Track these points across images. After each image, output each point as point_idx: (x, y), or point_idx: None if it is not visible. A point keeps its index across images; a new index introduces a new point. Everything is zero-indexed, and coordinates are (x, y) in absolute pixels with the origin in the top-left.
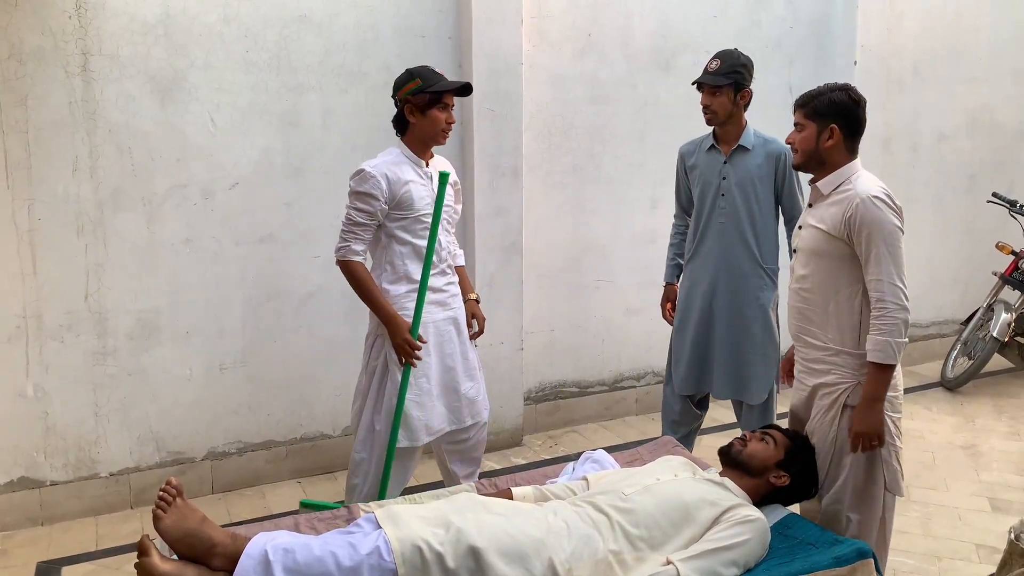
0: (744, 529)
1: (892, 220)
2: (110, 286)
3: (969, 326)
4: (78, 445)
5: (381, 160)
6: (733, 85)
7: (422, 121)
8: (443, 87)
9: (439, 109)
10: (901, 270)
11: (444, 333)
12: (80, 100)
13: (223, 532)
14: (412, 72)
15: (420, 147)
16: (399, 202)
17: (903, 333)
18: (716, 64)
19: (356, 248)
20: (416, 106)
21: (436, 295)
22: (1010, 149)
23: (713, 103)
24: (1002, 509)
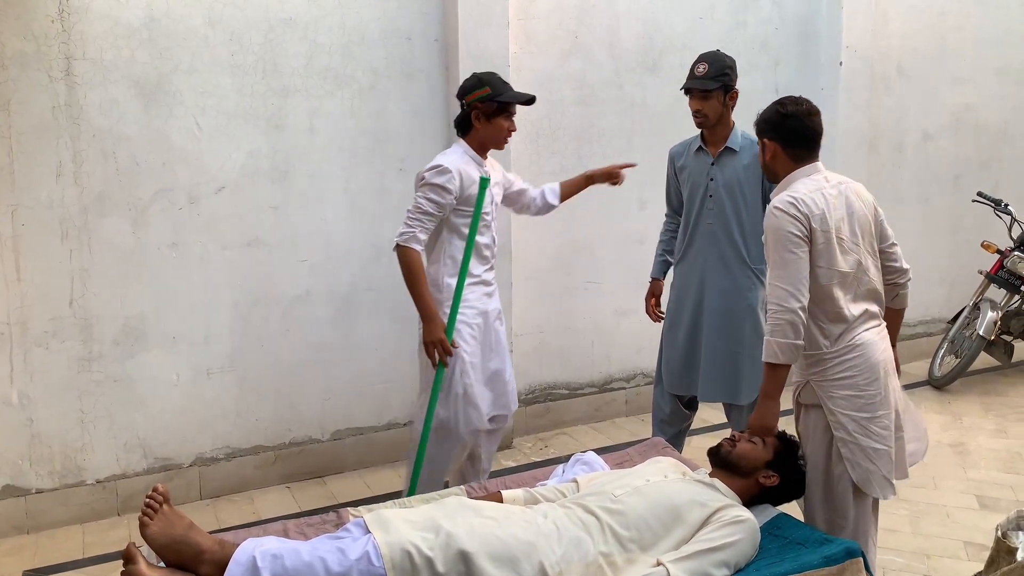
0: (734, 530)
1: (785, 227)
2: (95, 292)
3: (956, 325)
4: (64, 452)
5: (453, 156)
6: (722, 88)
7: (487, 127)
8: (512, 98)
9: (504, 118)
10: (786, 273)
11: (492, 323)
12: (64, 105)
13: (211, 539)
14: (481, 78)
15: (481, 150)
16: (466, 199)
17: (787, 334)
18: (703, 68)
19: (420, 237)
20: (483, 112)
21: (487, 288)
22: (994, 148)
23: (704, 107)
24: (990, 506)
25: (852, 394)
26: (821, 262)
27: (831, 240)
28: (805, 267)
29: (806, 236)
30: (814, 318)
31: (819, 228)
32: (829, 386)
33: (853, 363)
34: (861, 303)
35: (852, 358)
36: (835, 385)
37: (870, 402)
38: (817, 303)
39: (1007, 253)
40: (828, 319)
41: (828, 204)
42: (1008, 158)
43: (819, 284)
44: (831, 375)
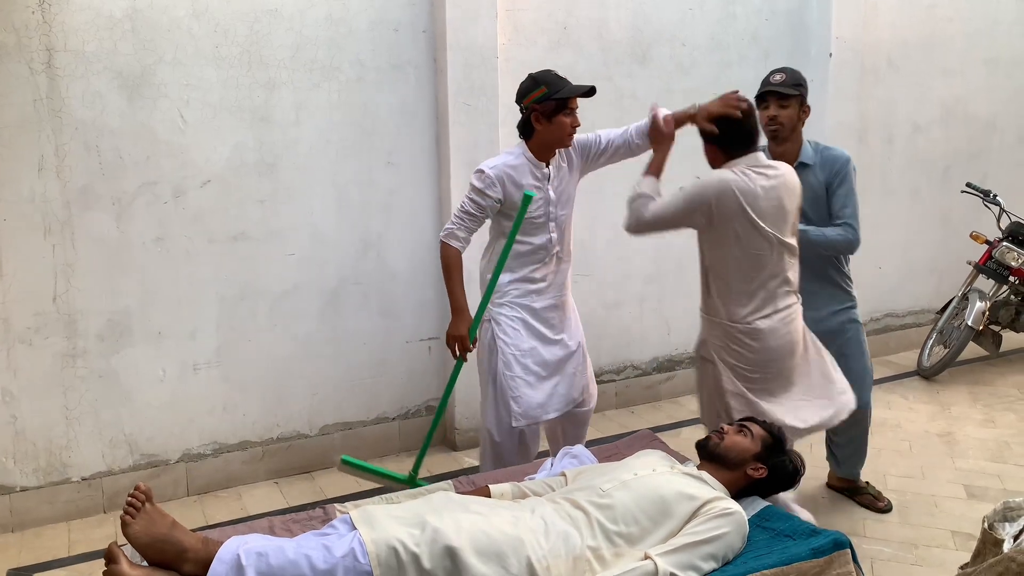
0: (722, 522)
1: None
2: (79, 287)
3: (944, 315)
4: (48, 449)
5: (502, 160)
6: (800, 98)
7: (549, 127)
8: (569, 92)
9: (565, 115)
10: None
11: (546, 320)
12: (45, 97)
13: (194, 537)
14: (537, 79)
15: (544, 151)
16: (513, 203)
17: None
18: (781, 76)
19: (459, 234)
20: (543, 113)
21: (532, 285)
22: (984, 140)
23: (781, 115)
24: (977, 496)
25: (739, 365)
26: (736, 243)
27: (749, 224)
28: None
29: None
30: (723, 292)
31: (740, 212)
32: (722, 351)
33: (748, 345)
34: (771, 286)
35: (748, 341)
36: (727, 352)
37: (754, 377)
38: (727, 278)
39: (995, 243)
40: (735, 296)
41: (755, 192)
42: (997, 149)
43: (731, 262)
44: (726, 345)
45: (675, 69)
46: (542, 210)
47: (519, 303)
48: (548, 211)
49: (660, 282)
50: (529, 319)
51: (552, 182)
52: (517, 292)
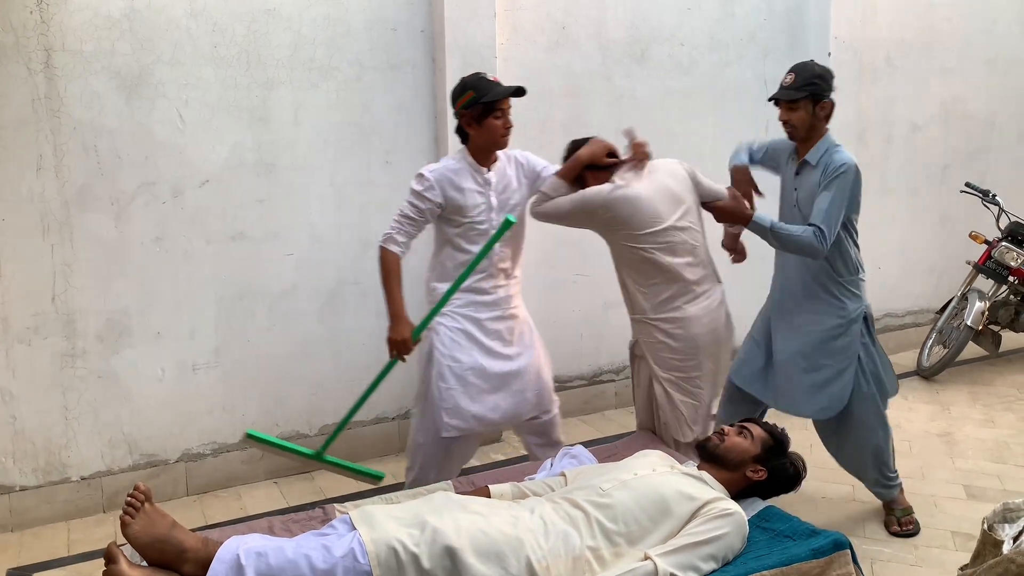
0: (722, 523)
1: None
2: (78, 287)
3: (944, 315)
4: (48, 449)
5: (443, 165)
6: (810, 97)
7: (480, 131)
8: (494, 95)
9: (495, 117)
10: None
11: (493, 332)
12: (43, 97)
13: (194, 537)
14: (465, 83)
15: (481, 155)
16: (456, 208)
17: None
18: (791, 78)
19: (398, 239)
20: (473, 117)
21: (479, 296)
22: (982, 139)
23: (792, 118)
24: (977, 496)
25: (669, 356)
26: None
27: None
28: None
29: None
30: (637, 289)
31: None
32: (652, 347)
33: (672, 334)
34: (686, 274)
35: (670, 329)
36: (656, 347)
37: (684, 366)
38: (640, 272)
39: (995, 243)
40: (649, 290)
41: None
42: (996, 149)
43: (636, 262)
44: (652, 339)
45: (674, 68)
46: (483, 216)
47: (462, 313)
48: (490, 218)
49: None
50: (473, 331)
51: (494, 188)
52: (460, 302)
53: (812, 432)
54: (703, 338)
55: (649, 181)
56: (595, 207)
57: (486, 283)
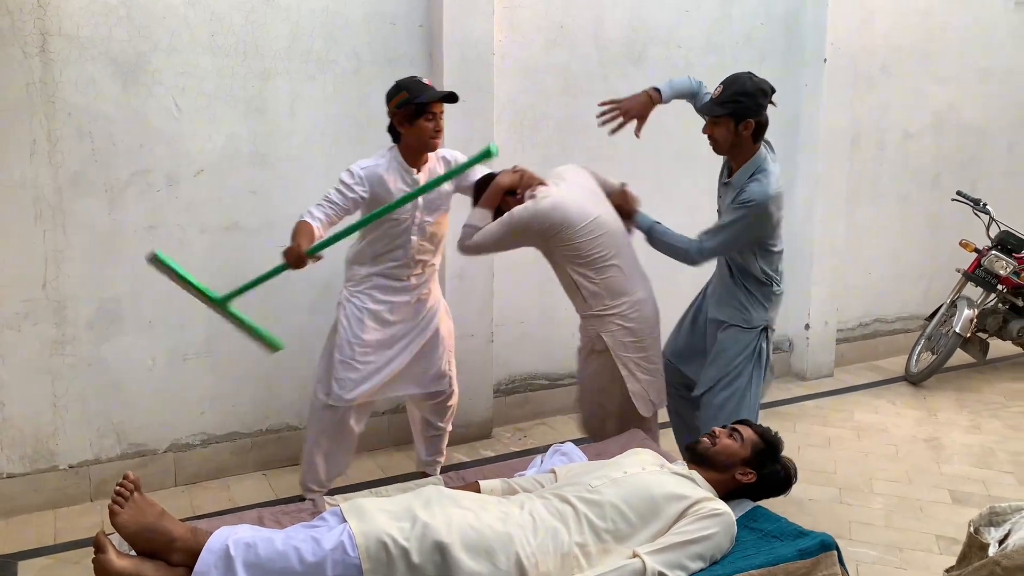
0: (711, 523)
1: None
2: (69, 273)
3: (933, 322)
4: (36, 436)
5: (374, 163)
6: (731, 115)
7: (410, 131)
8: (426, 98)
9: (425, 119)
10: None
11: (398, 314)
12: (38, 82)
13: (183, 526)
14: (400, 84)
15: (412, 155)
16: (377, 204)
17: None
18: (718, 91)
19: (315, 213)
20: (404, 117)
21: (393, 283)
22: (975, 148)
23: (714, 132)
24: (962, 501)
25: (632, 341)
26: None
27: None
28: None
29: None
30: (591, 281)
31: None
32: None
33: (631, 317)
34: (628, 259)
35: (630, 313)
36: (618, 334)
37: (644, 344)
38: (592, 267)
39: (984, 252)
40: (604, 280)
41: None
42: (987, 158)
43: (587, 254)
44: (614, 327)
45: (670, 70)
46: (408, 214)
47: (371, 295)
48: (413, 215)
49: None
50: (380, 311)
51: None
52: (371, 285)
53: (800, 434)
54: (654, 315)
55: (565, 185)
56: (527, 222)
57: (402, 271)
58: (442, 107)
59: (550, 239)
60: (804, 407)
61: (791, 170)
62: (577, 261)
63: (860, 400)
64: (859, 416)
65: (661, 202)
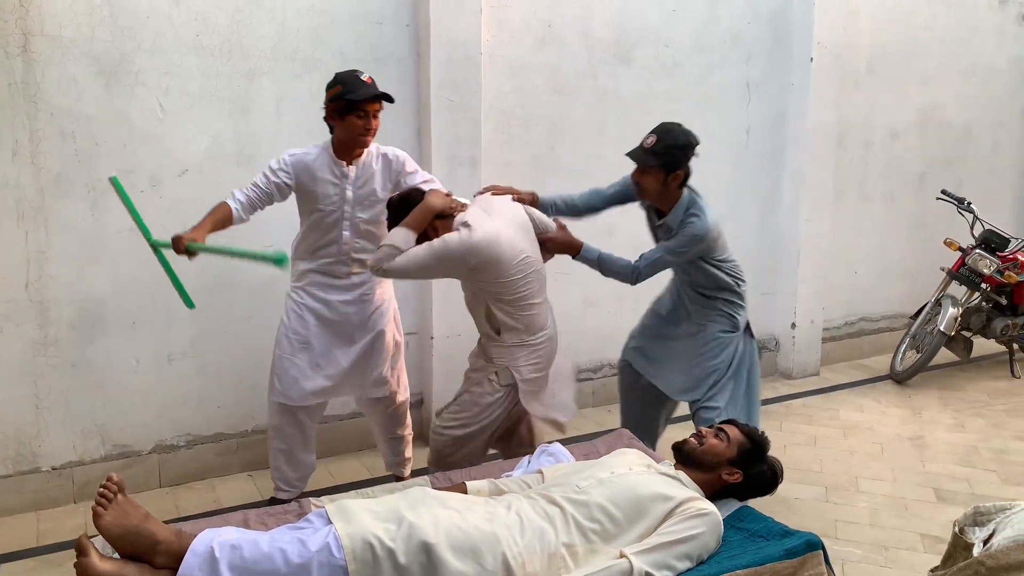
0: (697, 523)
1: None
2: (52, 274)
3: (918, 320)
4: (18, 438)
5: (304, 152)
6: (663, 167)
7: (341, 126)
8: (358, 95)
9: (357, 116)
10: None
11: (341, 313)
12: (20, 82)
13: (167, 529)
14: (337, 77)
15: (342, 149)
16: (308, 195)
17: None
18: (652, 140)
19: (237, 195)
20: (336, 111)
21: (332, 280)
22: (959, 147)
23: (643, 181)
24: (947, 500)
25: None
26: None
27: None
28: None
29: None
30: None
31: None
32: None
33: (542, 348)
34: (543, 298)
35: (541, 344)
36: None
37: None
38: (514, 304)
39: (969, 251)
40: (525, 316)
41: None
42: (972, 157)
43: (513, 292)
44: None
45: (659, 69)
46: (336, 207)
47: (311, 292)
48: (343, 209)
49: None
50: (321, 309)
51: (354, 183)
52: (309, 281)
53: (786, 432)
54: (555, 347)
55: (499, 218)
56: (460, 255)
57: (339, 268)
58: (378, 106)
59: (478, 273)
60: (790, 406)
61: (777, 169)
62: (502, 298)
63: (846, 399)
64: (845, 415)
65: None
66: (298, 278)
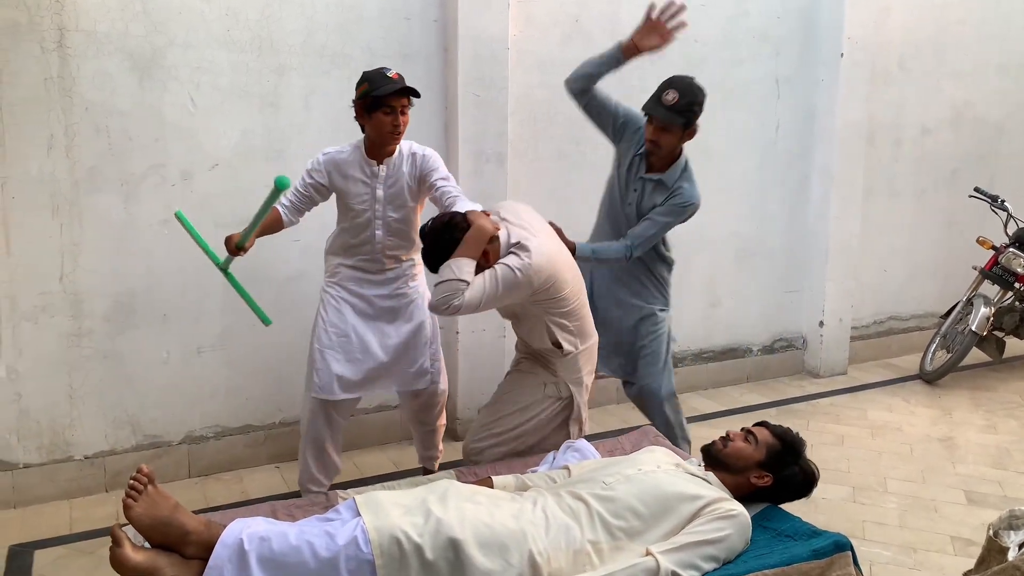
0: (725, 524)
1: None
2: (86, 267)
3: (948, 320)
4: (52, 428)
5: (336, 151)
6: (684, 125)
7: (369, 124)
8: (384, 91)
9: (384, 113)
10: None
11: (378, 307)
12: (56, 77)
13: (197, 519)
14: (364, 75)
15: (374, 148)
16: (338, 192)
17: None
18: (673, 97)
19: (284, 201)
20: (363, 108)
21: (367, 275)
22: (992, 144)
23: (661, 139)
24: (977, 502)
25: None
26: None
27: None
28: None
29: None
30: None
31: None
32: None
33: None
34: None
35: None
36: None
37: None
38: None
39: (1002, 249)
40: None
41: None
42: (1006, 154)
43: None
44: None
45: (685, 65)
46: (367, 206)
47: (347, 286)
48: (374, 209)
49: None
50: (359, 304)
51: (384, 181)
52: (345, 276)
53: (813, 432)
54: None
55: (540, 233)
56: (526, 280)
57: (373, 264)
58: (405, 102)
59: (540, 293)
60: (817, 405)
61: (806, 166)
62: (561, 311)
63: (874, 398)
64: (873, 414)
65: None
66: (332, 273)
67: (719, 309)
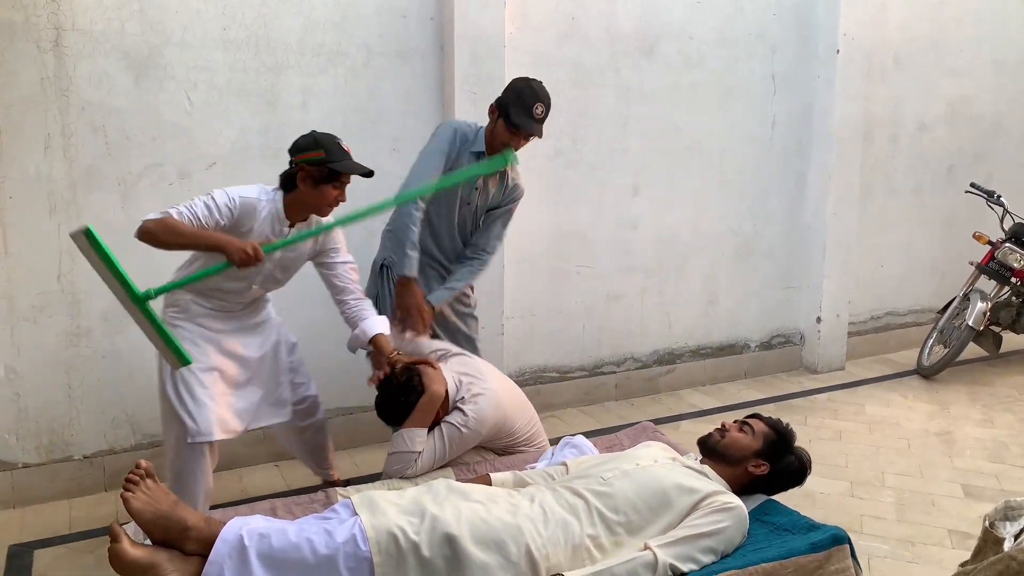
0: (723, 516)
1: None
2: (84, 266)
3: (945, 315)
4: (51, 427)
5: (256, 197)
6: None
7: (312, 192)
8: (345, 168)
9: (335, 186)
10: None
11: (235, 337)
12: (52, 76)
13: (197, 515)
14: (318, 140)
15: (296, 211)
16: (238, 234)
17: None
18: (541, 111)
19: (171, 212)
20: (311, 176)
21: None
22: (988, 140)
23: (520, 145)
24: (975, 495)
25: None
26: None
27: (516, 418)
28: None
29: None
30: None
31: (507, 417)
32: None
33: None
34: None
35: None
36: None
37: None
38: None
39: (998, 244)
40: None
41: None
42: (1002, 150)
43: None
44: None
45: (682, 63)
46: (256, 267)
47: (199, 322)
48: (265, 269)
49: (661, 275)
50: (214, 335)
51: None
52: (196, 312)
53: (811, 427)
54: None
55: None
56: (475, 433)
57: (231, 307)
58: (350, 178)
59: (491, 439)
60: (815, 400)
61: (803, 163)
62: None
63: (872, 393)
64: (870, 409)
65: (672, 195)
66: (182, 308)
67: (716, 305)
